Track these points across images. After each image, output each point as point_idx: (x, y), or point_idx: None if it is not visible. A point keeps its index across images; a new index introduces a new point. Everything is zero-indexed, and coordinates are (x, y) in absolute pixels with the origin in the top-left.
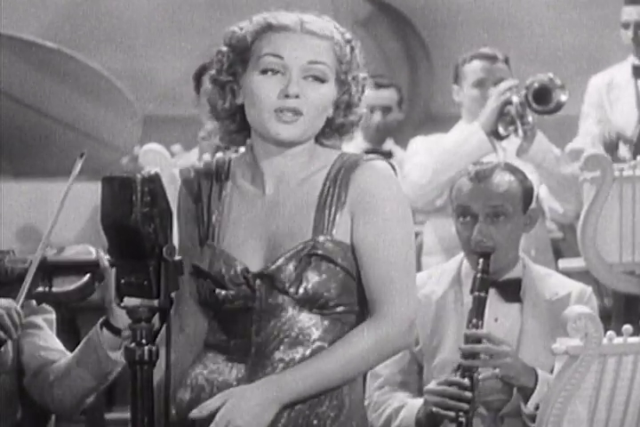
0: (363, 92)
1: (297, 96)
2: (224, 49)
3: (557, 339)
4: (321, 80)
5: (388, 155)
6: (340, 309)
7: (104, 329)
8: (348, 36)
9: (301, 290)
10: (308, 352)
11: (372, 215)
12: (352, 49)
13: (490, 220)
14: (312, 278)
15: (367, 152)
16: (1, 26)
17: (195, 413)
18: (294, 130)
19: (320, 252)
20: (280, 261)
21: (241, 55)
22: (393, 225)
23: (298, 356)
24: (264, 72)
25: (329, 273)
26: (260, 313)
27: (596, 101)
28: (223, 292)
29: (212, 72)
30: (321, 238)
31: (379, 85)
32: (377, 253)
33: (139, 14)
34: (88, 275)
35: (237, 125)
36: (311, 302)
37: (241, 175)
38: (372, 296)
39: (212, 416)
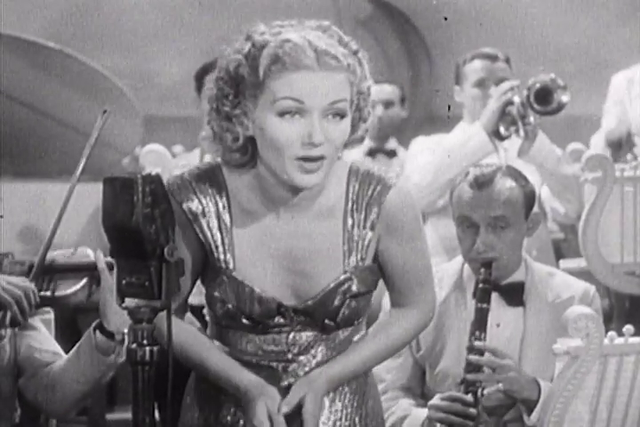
0: (370, 104)
1: (322, 143)
2: (225, 77)
3: (558, 339)
4: (341, 116)
5: (391, 153)
6: (358, 320)
7: (97, 333)
8: (354, 47)
9: (339, 319)
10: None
11: (401, 233)
12: (360, 62)
13: (491, 229)
14: (349, 309)
15: (372, 151)
16: (2, 26)
17: (283, 409)
18: (316, 178)
19: (357, 284)
20: (320, 297)
21: (251, 90)
22: (417, 237)
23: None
24: (281, 115)
25: (364, 302)
26: (293, 338)
27: (618, 99)
28: (248, 321)
29: (214, 101)
30: (355, 267)
31: (380, 80)
32: (408, 264)
33: (140, 15)
34: (86, 278)
35: (249, 157)
36: (339, 326)
37: (241, 190)
38: (404, 297)
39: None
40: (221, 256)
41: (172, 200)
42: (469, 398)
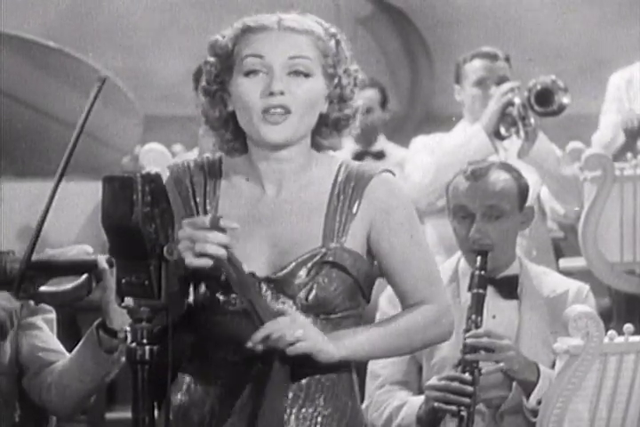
0: (356, 84)
1: (282, 93)
2: (211, 59)
3: (558, 338)
4: (305, 75)
5: (379, 155)
6: (343, 313)
7: (100, 331)
8: (332, 30)
9: (311, 296)
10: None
11: (389, 222)
12: (337, 42)
13: (487, 218)
14: (322, 285)
15: (358, 154)
16: (2, 25)
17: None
18: (284, 131)
19: (332, 259)
20: (291, 267)
21: (226, 62)
22: (413, 229)
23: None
24: (247, 74)
25: (339, 280)
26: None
27: (616, 97)
28: (223, 296)
29: (202, 83)
30: (332, 246)
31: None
32: (409, 256)
33: (140, 14)
34: (85, 275)
35: (232, 133)
36: (318, 308)
37: (236, 175)
38: (412, 294)
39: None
40: None
41: (171, 182)
42: (467, 376)
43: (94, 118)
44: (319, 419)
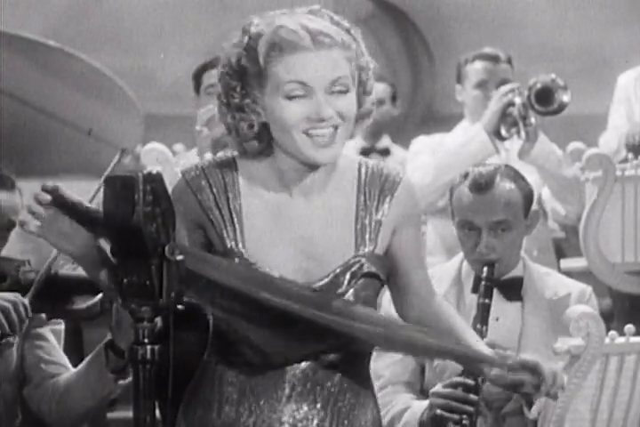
0: (371, 78)
1: (331, 117)
2: (229, 71)
3: (559, 338)
4: (345, 92)
5: (384, 152)
6: None
7: (108, 350)
8: (346, 25)
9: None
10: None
11: (412, 228)
12: (355, 39)
13: (493, 233)
14: (360, 293)
15: (365, 150)
16: (3, 24)
17: None
18: (332, 152)
19: (370, 270)
20: (331, 277)
21: (256, 79)
22: (420, 231)
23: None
24: (289, 98)
25: (372, 287)
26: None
27: (625, 97)
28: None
29: (222, 96)
30: (365, 252)
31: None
32: (419, 259)
33: (141, 13)
34: (100, 295)
35: (265, 143)
36: None
37: (256, 176)
38: (421, 293)
39: None
40: (232, 243)
41: (188, 189)
42: (471, 382)
43: (95, 118)
44: (345, 422)
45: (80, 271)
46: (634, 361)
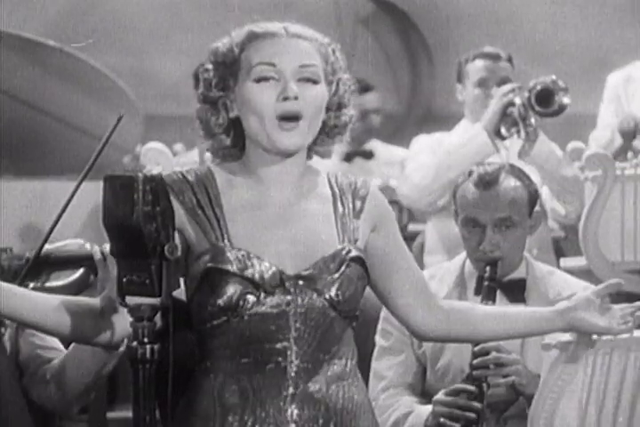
0: (350, 93)
1: (296, 97)
2: (209, 66)
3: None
4: (314, 81)
5: (368, 155)
6: (355, 313)
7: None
8: (327, 39)
9: (341, 292)
10: (346, 361)
11: (390, 229)
12: (333, 51)
13: (498, 229)
14: (350, 282)
15: (348, 154)
16: (3, 24)
17: None
18: (296, 137)
19: (357, 254)
20: (320, 263)
21: (230, 68)
22: (399, 234)
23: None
24: (258, 81)
25: (362, 281)
26: (298, 316)
27: (614, 96)
28: (252, 297)
29: (200, 90)
30: (351, 241)
31: (364, 89)
32: (407, 260)
33: (141, 13)
34: (82, 269)
35: (232, 140)
36: (344, 305)
37: (232, 182)
38: (418, 295)
39: None
40: (218, 237)
41: (171, 193)
42: (474, 389)
43: (95, 118)
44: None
45: (57, 249)
46: (622, 357)
